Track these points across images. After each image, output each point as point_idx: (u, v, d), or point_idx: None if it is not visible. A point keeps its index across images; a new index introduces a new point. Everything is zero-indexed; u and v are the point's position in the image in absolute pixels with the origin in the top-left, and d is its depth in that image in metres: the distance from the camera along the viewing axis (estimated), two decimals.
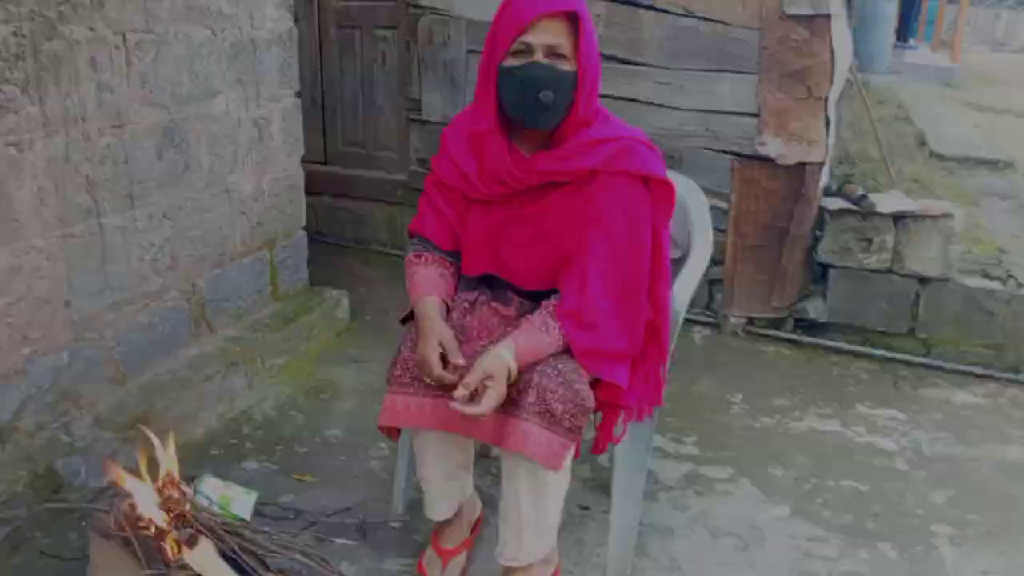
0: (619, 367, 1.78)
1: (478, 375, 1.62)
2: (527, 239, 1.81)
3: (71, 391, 2.31)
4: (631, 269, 1.73)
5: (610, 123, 1.78)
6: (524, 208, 1.79)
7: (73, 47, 2.16)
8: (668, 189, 1.76)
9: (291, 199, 3.21)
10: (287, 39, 3.04)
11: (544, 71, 1.65)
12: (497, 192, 1.78)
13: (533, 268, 1.83)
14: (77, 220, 2.26)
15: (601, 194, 1.72)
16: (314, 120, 4.46)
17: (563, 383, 1.68)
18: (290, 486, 2.40)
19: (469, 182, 1.81)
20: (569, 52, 1.66)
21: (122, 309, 2.45)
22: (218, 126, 2.75)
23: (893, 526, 2.34)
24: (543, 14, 1.63)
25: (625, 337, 1.76)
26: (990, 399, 3.13)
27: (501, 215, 1.81)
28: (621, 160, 1.71)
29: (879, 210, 3.36)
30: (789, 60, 3.28)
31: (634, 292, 1.75)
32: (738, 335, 3.62)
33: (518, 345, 1.68)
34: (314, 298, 3.35)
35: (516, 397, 1.70)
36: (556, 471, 1.71)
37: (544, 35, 1.64)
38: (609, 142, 1.72)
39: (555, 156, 1.73)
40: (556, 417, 1.67)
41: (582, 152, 1.72)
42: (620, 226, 1.72)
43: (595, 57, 1.71)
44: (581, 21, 1.66)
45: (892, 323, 3.47)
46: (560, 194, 1.76)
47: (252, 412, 2.80)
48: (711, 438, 2.77)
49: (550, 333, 1.72)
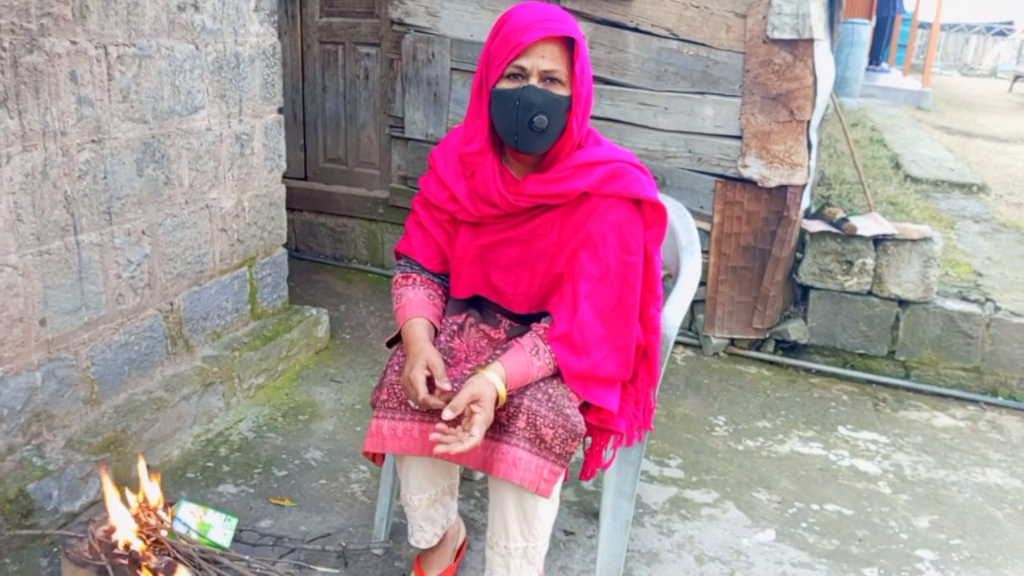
0: (610, 392, 1.76)
1: (465, 398, 1.59)
2: (517, 261, 1.79)
3: (44, 412, 2.24)
4: (623, 292, 1.72)
5: (601, 145, 1.76)
6: (514, 230, 1.77)
7: (54, 60, 2.11)
8: (660, 211, 1.74)
9: (272, 216, 3.16)
10: (271, 55, 3.00)
11: (539, 96, 1.63)
12: (487, 214, 1.76)
13: (522, 290, 1.81)
14: (54, 237, 2.20)
15: (593, 216, 1.70)
16: (295, 135, 4.43)
17: (553, 408, 1.66)
18: (269, 511, 2.35)
19: (458, 203, 1.79)
20: (564, 77, 1.64)
21: (98, 328, 2.39)
22: (199, 142, 2.70)
23: (878, 551, 2.34)
24: (540, 39, 1.61)
25: (616, 361, 1.74)
26: (969, 422, 3.15)
27: (491, 237, 1.79)
28: (613, 183, 1.70)
29: (860, 233, 3.39)
30: (772, 84, 3.31)
31: (626, 315, 1.73)
32: (720, 356, 3.62)
33: (507, 368, 1.66)
34: (293, 316, 3.30)
35: (505, 422, 1.67)
36: (546, 498, 1.69)
37: (540, 60, 1.62)
38: (601, 165, 1.71)
39: (546, 179, 1.71)
40: (547, 443, 1.65)
41: (574, 175, 1.70)
42: (612, 248, 1.70)
43: (589, 80, 1.69)
44: (577, 46, 1.64)
45: (872, 345, 3.49)
46: (551, 216, 1.74)
47: (229, 433, 2.74)
48: (695, 461, 2.75)
49: (540, 356, 1.69)
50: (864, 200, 4.17)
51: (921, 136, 7.57)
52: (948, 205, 5.12)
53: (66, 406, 2.31)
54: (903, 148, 6.64)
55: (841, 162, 5.60)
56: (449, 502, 1.99)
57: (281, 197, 3.21)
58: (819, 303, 3.53)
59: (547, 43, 1.61)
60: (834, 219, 3.51)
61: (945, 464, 2.83)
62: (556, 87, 1.64)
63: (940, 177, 5.68)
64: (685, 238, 2.20)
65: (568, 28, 1.64)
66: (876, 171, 5.76)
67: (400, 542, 2.21)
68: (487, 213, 1.76)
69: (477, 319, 1.89)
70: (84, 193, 2.27)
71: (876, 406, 3.25)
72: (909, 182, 5.55)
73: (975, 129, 9.10)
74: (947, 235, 4.35)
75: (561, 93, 1.64)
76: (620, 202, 1.71)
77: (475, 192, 1.76)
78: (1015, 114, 11.44)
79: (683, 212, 2.27)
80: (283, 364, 3.16)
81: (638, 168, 1.74)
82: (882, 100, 10.22)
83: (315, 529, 2.27)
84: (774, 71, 3.29)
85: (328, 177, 4.47)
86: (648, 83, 3.51)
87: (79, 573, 1.72)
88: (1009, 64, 20.33)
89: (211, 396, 2.79)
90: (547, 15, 1.64)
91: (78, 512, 2.22)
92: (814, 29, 3.20)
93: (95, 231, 2.34)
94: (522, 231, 1.77)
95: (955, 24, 21.47)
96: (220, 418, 2.82)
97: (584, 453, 1.89)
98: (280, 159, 3.16)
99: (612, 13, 3.48)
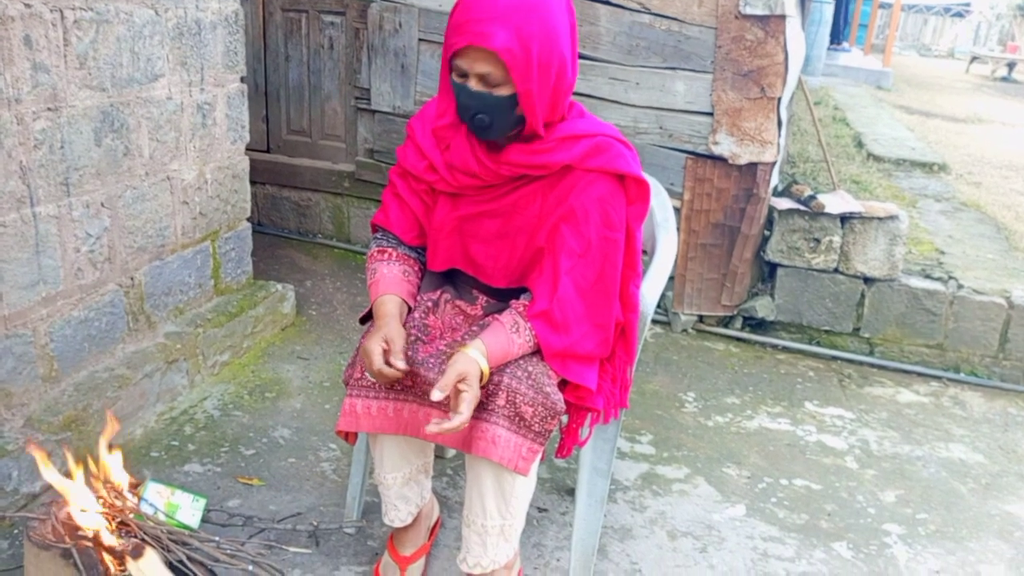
0: (588, 369, 1.74)
1: (452, 377, 1.55)
2: (496, 233, 1.75)
3: (1, 390, 2.16)
4: (604, 268, 1.69)
5: (585, 119, 1.72)
6: (494, 202, 1.73)
7: (6, 24, 2.01)
8: (643, 187, 1.72)
9: (235, 189, 3.08)
10: (233, 21, 2.91)
11: (474, 99, 1.56)
12: (466, 184, 1.72)
13: (501, 264, 1.78)
14: (9, 209, 2.11)
15: (575, 190, 1.67)
16: (257, 106, 4.31)
17: (533, 386, 1.63)
18: (237, 490, 2.30)
19: (437, 173, 1.74)
20: (502, 78, 1.53)
21: (56, 303, 2.31)
22: (160, 111, 2.61)
23: (847, 525, 2.36)
24: (469, 45, 1.52)
25: (596, 339, 1.72)
26: (932, 398, 3.21)
27: (470, 208, 1.75)
28: (596, 157, 1.67)
29: (828, 211, 3.41)
30: (743, 60, 3.29)
31: (606, 292, 1.70)
32: (688, 333, 3.63)
33: (488, 346, 1.63)
34: (258, 292, 3.23)
35: (485, 400, 1.64)
36: (524, 476, 1.67)
37: (474, 64, 1.54)
38: (584, 138, 1.67)
39: (529, 149, 1.67)
40: (526, 421, 1.63)
41: (557, 147, 1.66)
42: (593, 223, 1.67)
43: (559, 62, 1.57)
44: (525, 41, 1.50)
45: (837, 322, 3.53)
46: (532, 188, 1.70)
47: (194, 412, 2.68)
48: (666, 437, 2.76)
49: (520, 334, 1.67)
50: (828, 178, 4.20)
51: (882, 115, 7.65)
52: (910, 184, 5.18)
53: (24, 384, 2.24)
54: (865, 127, 6.71)
55: (805, 140, 5.64)
56: (423, 480, 1.97)
57: (244, 169, 3.13)
58: (786, 280, 3.55)
59: (479, 49, 1.52)
60: (802, 197, 3.53)
61: (910, 439, 2.87)
62: (496, 89, 1.55)
63: (902, 156, 5.75)
64: (660, 215, 2.18)
65: (499, 40, 1.49)
66: (839, 150, 5.81)
67: (372, 521, 2.18)
68: (467, 184, 1.72)
69: (453, 295, 1.86)
70: (40, 163, 2.18)
71: (842, 382, 3.29)
72: (872, 161, 5.62)
73: (934, 109, 9.24)
74: (910, 213, 4.40)
75: (501, 94, 1.56)
76: (603, 177, 1.68)
77: (451, 164, 1.71)
78: (972, 94, 11.64)
79: (659, 189, 2.25)
80: (248, 341, 3.10)
81: (622, 143, 1.71)
82: (843, 79, 10.32)
83: (285, 508, 2.23)
84: (746, 47, 3.28)
85: (292, 150, 4.37)
86: (620, 58, 3.48)
87: (42, 556, 1.66)
88: (966, 45, 20.69)
89: (174, 373, 2.72)
90: (483, 11, 1.50)
91: (39, 493, 2.15)
92: (786, 5, 3.19)
93: (52, 203, 2.25)
94: (503, 203, 1.73)
95: (914, 5, 21.74)
96: (184, 396, 2.76)
97: (560, 431, 1.87)
98: (243, 130, 3.07)
99: None
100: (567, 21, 1.58)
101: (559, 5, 1.56)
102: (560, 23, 1.55)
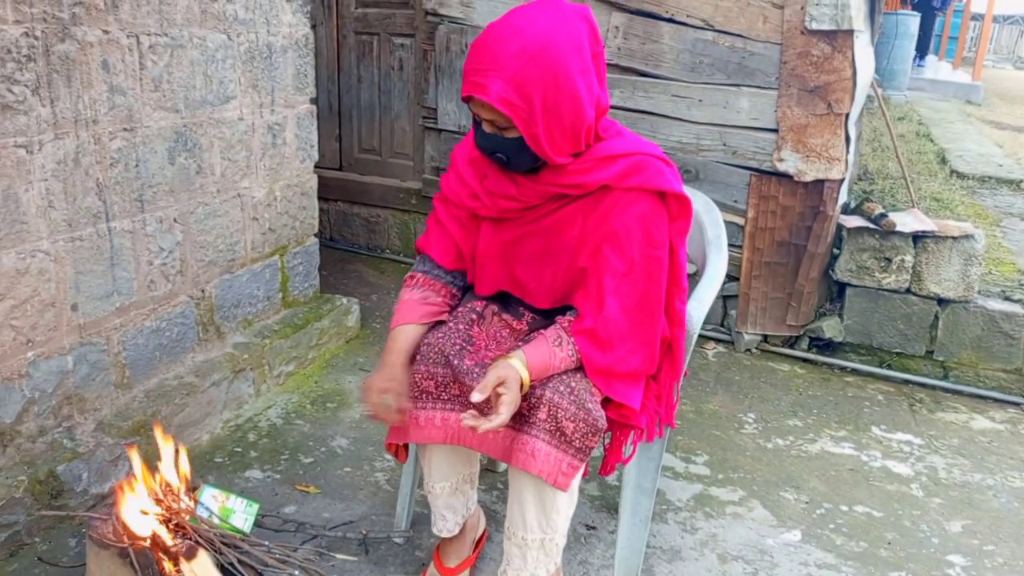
0: (633, 388, 1.74)
1: (492, 380, 1.58)
2: (539, 254, 1.77)
3: (75, 395, 2.29)
4: (648, 286, 1.69)
5: (624, 137, 1.73)
6: (536, 223, 1.75)
7: (86, 49, 2.14)
8: (685, 203, 1.71)
9: (304, 206, 3.19)
10: (303, 45, 3.02)
11: (489, 140, 1.60)
12: (508, 207, 1.74)
13: (546, 285, 1.79)
14: (86, 223, 2.24)
15: (616, 210, 1.67)
16: (330, 126, 4.45)
17: (575, 402, 1.64)
18: (293, 497, 2.37)
19: (479, 200, 1.77)
20: (507, 122, 1.55)
21: (129, 313, 2.43)
22: (231, 131, 2.73)
23: (907, 555, 2.28)
24: (471, 96, 1.56)
25: (641, 356, 1.72)
26: (1009, 425, 3.07)
27: (513, 231, 1.77)
28: (635, 175, 1.67)
29: (899, 229, 3.31)
30: (809, 76, 3.24)
31: (651, 309, 1.70)
32: (752, 352, 3.57)
33: (529, 357, 1.64)
34: (324, 305, 3.33)
35: (527, 413, 1.66)
36: (564, 491, 1.67)
37: (480, 110, 1.57)
38: (622, 157, 1.67)
39: (565, 171, 1.68)
40: (567, 436, 1.63)
41: (594, 167, 1.67)
42: (636, 242, 1.67)
43: (555, 113, 1.54)
44: (526, 85, 1.50)
45: (909, 344, 3.41)
46: (573, 209, 1.72)
47: (258, 420, 2.78)
48: (722, 458, 2.72)
49: (563, 348, 1.67)
50: (907, 196, 4.07)
51: (970, 131, 7.38)
52: (995, 202, 4.98)
53: (97, 390, 2.36)
54: (950, 143, 6.48)
55: (885, 156, 5.48)
56: (469, 491, 1.99)
57: (313, 187, 3.23)
58: (855, 300, 3.46)
59: (477, 98, 1.54)
60: (872, 215, 3.43)
61: (981, 468, 2.75)
62: (506, 132, 1.58)
63: (987, 173, 5.54)
64: (713, 232, 2.17)
65: (492, 88, 1.49)
66: (921, 166, 5.63)
67: (421, 531, 2.21)
68: (508, 207, 1.74)
69: (499, 308, 1.88)
70: (116, 181, 2.31)
71: (912, 407, 3.18)
72: (955, 178, 5.42)
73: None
74: (992, 232, 4.23)
75: (511, 136, 1.58)
76: (643, 195, 1.68)
77: (491, 191, 1.75)
78: None
79: (711, 206, 2.23)
80: (313, 352, 3.19)
81: (661, 160, 1.71)
82: (931, 94, 10.00)
83: (338, 516, 2.28)
84: (812, 63, 3.22)
85: (363, 167, 4.49)
86: (683, 75, 3.46)
87: (102, 554, 1.75)
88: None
89: (241, 382, 2.82)
90: (482, 61, 1.52)
91: (107, 494, 2.26)
92: (854, 20, 3.12)
93: (127, 218, 2.37)
94: (544, 224, 1.75)
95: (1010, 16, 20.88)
96: (249, 404, 2.86)
97: (604, 448, 1.87)
98: (312, 149, 3.18)
99: (647, 3, 3.44)
100: (580, 56, 1.54)
101: (569, 40, 1.53)
102: (570, 61, 1.52)
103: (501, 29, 1.53)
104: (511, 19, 1.54)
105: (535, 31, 1.50)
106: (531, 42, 1.49)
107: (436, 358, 1.75)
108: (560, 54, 1.51)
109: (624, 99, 3.57)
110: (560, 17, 1.54)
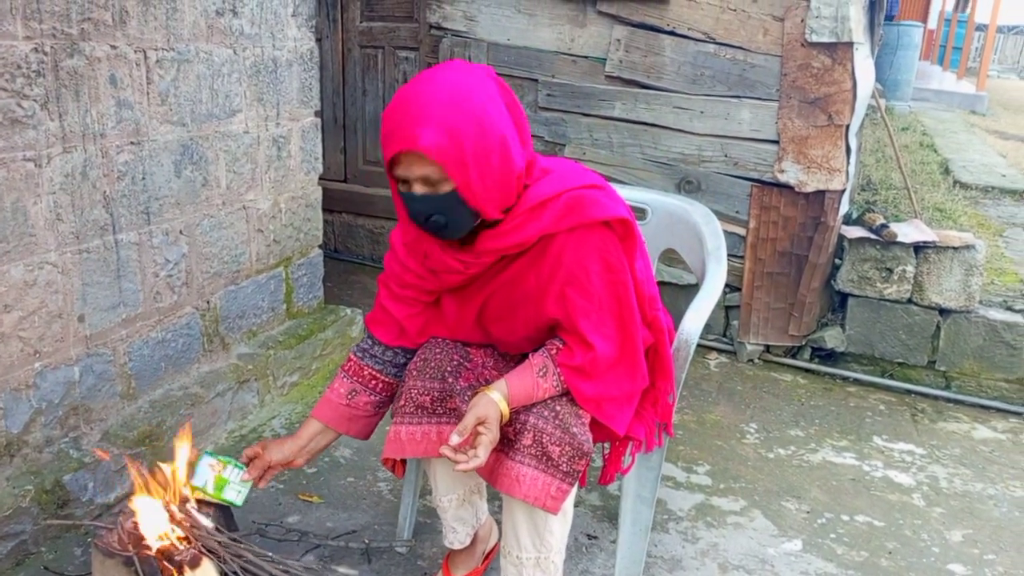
0: (625, 407, 1.74)
1: (471, 421, 1.58)
2: (506, 309, 1.75)
3: (81, 406, 2.31)
4: (621, 311, 1.68)
5: (549, 177, 1.66)
6: (491, 282, 1.73)
7: (94, 64, 2.18)
8: (628, 225, 1.67)
9: (308, 218, 3.22)
10: (308, 59, 3.06)
11: (424, 202, 1.52)
12: (456, 281, 1.74)
13: (520, 335, 1.79)
14: (93, 236, 2.27)
15: (566, 252, 1.64)
16: (335, 138, 4.49)
17: (560, 426, 1.63)
18: (297, 507, 2.39)
19: (424, 280, 1.77)
20: (441, 174, 1.49)
21: (135, 324, 2.46)
22: (237, 144, 2.76)
23: (908, 564, 2.29)
24: (400, 151, 1.49)
25: (631, 376, 1.72)
26: (1011, 434, 3.07)
27: (474, 297, 1.76)
28: (572, 215, 1.62)
29: (900, 240, 3.32)
30: (810, 87, 3.26)
31: (630, 332, 1.69)
32: (754, 363, 3.58)
33: (511, 388, 1.64)
34: (328, 316, 3.35)
35: (512, 438, 1.65)
36: (554, 514, 1.67)
37: (411, 168, 1.50)
38: (551, 201, 1.61)
39: (499, 232, 1.63)
40: (554, 460, 1.62)
41: (526, 220, 1.61)
42: (596, 276, 1.65)
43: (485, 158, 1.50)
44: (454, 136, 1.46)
45: (911, 355, 3.42)
46: (521, 263, 1.69)
47: (263, 430, 2.80)
48: (724, 468, 2.73)
49: (547, 379, 1.67)
50: (910, 206, 4.08)
51: (973, 141, 7.39)
52: (998, 212, 4.99)
53: (103, 400, 2.38)
54: (953, 153, 6.49)
55: (888, 167, 5.49)
56: (478, 501, 2.01)
57: (317, 199, 3.26)
58: (857, 311, 3.47)
59: (410, 153, 1.48)
60: (874, 225, 3.45)
61: (983, 477, 2.76)
62: (439, 186, 1.52)
63: (990, 183, 5.54)
64: (712, 243, 2.18)
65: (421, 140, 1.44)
66: (924, 176, 5.64)
67: (423, 541, 2.23)
68: (455, 281, 1.74)
69: None
70: (123, 193, 2.34)
71: (914, 416, 3.19)
72: (958, 188, 5.43)
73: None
74: (995, 243, 4.24)
75: (447, 190, 1.52)
76: (586, 230, 1.63)
77: (434, 270, 1.74)
78: None
79: (711, 217, 2.25)
80: (317, 363, 3.21)
81: (592, 187, 1.66)
82: (935, 104, 10.00)
83: (341, 526, 2.30)
84: (812, 75, 3.25)
85: (367, 180, 4.53)
86: (684, 87, 3.49)
87: (107, 563, 1.77)
88: None
89: (246, 393, 2.84)
90: (405, 116, 1.47)
91: (113, 503, 2.28)
92: (853, 32, 3.15)
93: (133, 230, 2.40)
94: (500, 280, 1.72)
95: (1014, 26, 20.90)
96: (254, 415, 2.88)
97: (603, 458, 1.88)
98: (316, 162, 3.21)
99: (648, 16, 3.47)
100: (500, 101, 1.53)
101: (484, 88, 1.52)
102: (491, 106, 1.50)
103: (418, 87, 1.50)
104: (423, 80, 1.52)
105: (452, 84, 1.49)
106: (451, 93, 1.47)
107: (433, 374, 1.76)
108: (480, 102, 1.49)
109: (626, 111, 3.60)
110: (468, 71, 1.54)
